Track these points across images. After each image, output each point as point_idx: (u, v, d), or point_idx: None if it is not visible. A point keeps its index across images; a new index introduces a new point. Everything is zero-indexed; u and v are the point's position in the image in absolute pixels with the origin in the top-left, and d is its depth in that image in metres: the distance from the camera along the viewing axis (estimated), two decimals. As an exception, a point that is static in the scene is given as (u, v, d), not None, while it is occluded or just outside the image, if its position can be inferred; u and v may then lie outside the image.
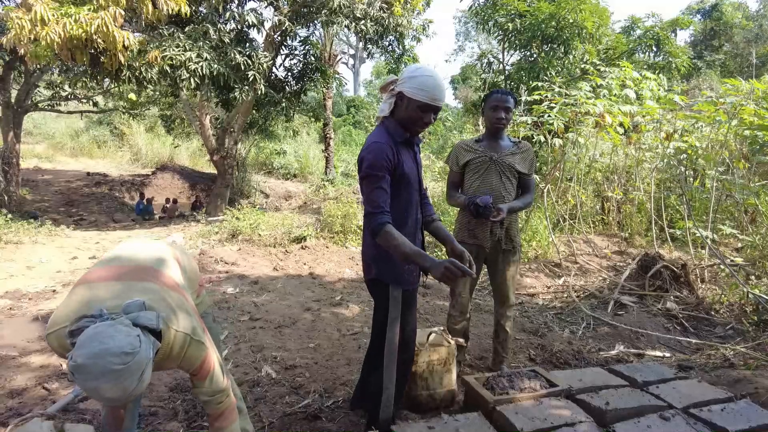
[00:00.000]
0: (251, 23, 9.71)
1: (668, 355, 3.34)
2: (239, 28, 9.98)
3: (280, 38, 11.03)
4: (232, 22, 9.81)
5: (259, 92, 9.78)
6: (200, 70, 8.51)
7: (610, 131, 5.42)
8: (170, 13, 7.73)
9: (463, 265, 1.72)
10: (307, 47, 12.07)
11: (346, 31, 12.52)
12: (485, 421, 2.07)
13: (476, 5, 10.63)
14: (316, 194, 14.09)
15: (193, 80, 8.61)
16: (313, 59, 11.98)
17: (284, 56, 11.90)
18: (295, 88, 11.91)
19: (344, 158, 20.03)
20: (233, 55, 9.03)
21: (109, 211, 12.55)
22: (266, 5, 10.81)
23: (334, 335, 3.53)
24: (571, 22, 9.16)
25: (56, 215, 10.80)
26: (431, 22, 12.32)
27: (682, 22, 11.57)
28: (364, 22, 10.28)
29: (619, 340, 3.57)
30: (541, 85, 6.53)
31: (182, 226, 9.87)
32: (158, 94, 14.11)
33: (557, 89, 5.82)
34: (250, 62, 9.28)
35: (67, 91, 12.03)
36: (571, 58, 9.61)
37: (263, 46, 10.69)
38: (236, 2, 10.51)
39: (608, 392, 2.30)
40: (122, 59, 7.66)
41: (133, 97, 13.08)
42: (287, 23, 9.91)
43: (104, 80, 10.11)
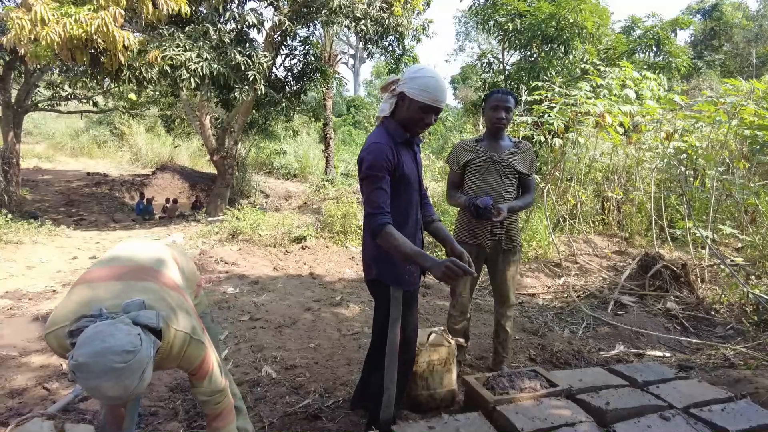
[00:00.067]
0: (251, 23, 9.72)
1: (668, 355, 3.34)
2: (239, 28, 9.98)
3: (280, 38, 11.03)
4: (232, 22, 9.81)
5: (259, 92, 9.78)
6: (200, 70, 8.51)
7: (610, 131, 5.42)
8: (170, 13, 7.74)
9: (463, 264, 1.73)
10: (307, 47, 12.08)
11: (346, 31, 12.54)
12: (485, 421, 2.07)
13: (476, 5, 10.63)
14: (316, 194, 14.08)
15: (193, 80, 8.62)
16: (313, 59, 11.99)
17: (284, 56, 11.91)
18: (295, 88, 11.92)
19: (344, 158, 20.05)
20: (233, 55, 9.04)
21: (109, 211, 12.55)
22: (266, 5, 10.81)
23: (334, 335, 3.53)
24: (571, 22, 9.16)
25: (56, 215, 10.80)
26: (431, 22, 12.34)
27: (682, 22, 11.57)
28: (364, 22, 10.29)
29: (619, 340, 3.57)
30: (541, 85, 6.53)
31: (182, 226, 9.87)
32: (158, 94, 14.11)
33: (557, 89, 5.82)
34: (250, 62, 9.28)
35: (67, 91, 12.03)
36: (571, 58, 9.61)
37: (263, 46, 10.69)
38: (236, 2, 10.52)
39: (608, 392, 2.30)
40: (122, 59, 7.66)
41: (133, 97, 13.08)
42: (287, 23, 9.91)
43: (104, 80, 10.11)
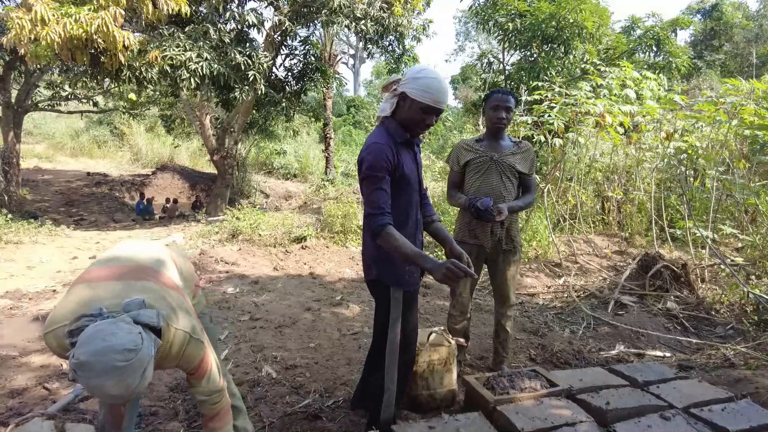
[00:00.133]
0: (251, 23, 9.72)
1: (669, 354, 3.34)
2: (239, 28, 9.98)
3: (280, 38, 11.03)
4: (232, 22, 9.81)
5: (259, 92, 9.78)
6: (200, 70, 8.51)
7: (610, 131, 5.42)
8: (170, 13, 7.74)
9: (463, 265, 1.72)
10: (307, 47, 12.08)
11: (346, 31, 12.53)
12: (486, 420, 2.07)
13: (476, 5, 10.63)
14: (316, 194, 14.09)
15: (193, 80, 8.62)
16: (313, 59, 11.99)
17: (284, 56, 11.91)
18: (295, 88, 11.92)
19: (344, 158, 20.05)
20: (233, 55, 9.03)
21: (109, 211, 12.55)
22: (266, 5, 10.81)
23: (334, 335, 3.53)
24: (571, 22, 9.16)
25: (56, 215, 10.81)
26: (431, 22, 12.35)
27: (682, 22, 11.58)
28: (364, 22, 10.28)
29: (619, 339, 3.57)
30: (541, 85, 6.53)
31: (182, 226, 9.87)
32: (158, 94, 14.12)
33: (557, 89, 5.82)
34: (250, 62, 9.28)
35: (67, 91, 12.03)
36: (571, 58, 9.61)
37: (263, 46, 10.69)
38: (236, 2, 10.52)
39: (609, 392, 2.30)
40: (122, 59, 7.66)
41: (133, 97, 13.09)
42: (287, 23, 9.91)
43: (104, 80, 10.11)
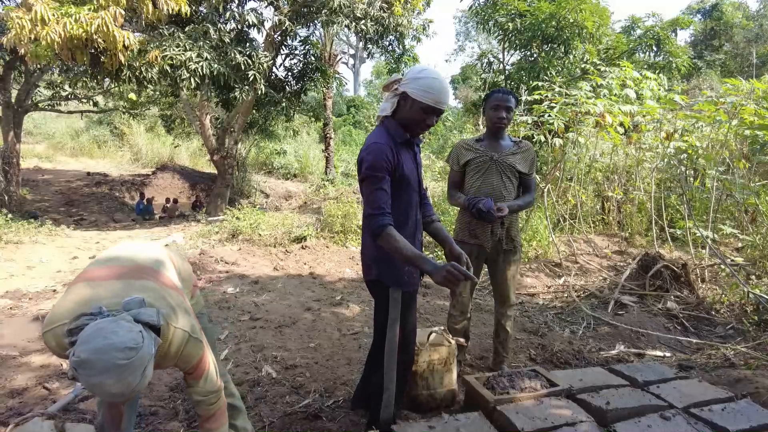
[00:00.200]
0: (251, 23, 9.72)
1: (669, 354, 3.33)
2: (239, 27, 9.98)
3: (280, 38, 11.03)
4: (232, 21, 9.81)
5: (259, 92, 9.78)
6: (200, 69, 8.51)
7: (610, 131, 5.42)
8: (170, 12, 7.73)
9: (464, 268, 1.71)
10: (307, 47, 12.08)
11: (346, 31, 12.55)
12: (486, 420, 2.07)
13: (476, 5, 10.63)
14: (316, 194, 14.10)
15: (193, 80, 8.61)
16: (313, 59, 11.99)
17: (284, 56, 11.92)
18: (295, 87, 11.92)
19: (344, 158, 20.06)
20: (233, 54, 9.03)
21: (109, 211, 12.56)
22: (266, 5, 10.81)
23: (334, 335, 3.53)
24: (571, 21, 9.16)
25: (56, 215, 10.81)
26: (431, 22, 12.34)
27: (682, 21, 11.58)
28: (364, 21, 10.28)
29: (619, 339, 3.57)
30: (541, 84, 6.53)
31: (182, 226, 9.87)
32: (158, 94, 14.12)
33: (557, 89, 5.82)
34: (250, 62, 9.28)
35: (67, 91, 12.04)
36: (571, 57, 9.61)
37: (263, 45, 10.69)
38: (236, 2, 10.52)
39: (609, 392, 2.30)
40: (122, 59, 7.66)
41: (133, 97, 13.10)
42: (287, 23, 9.91)
43: (104, 80, 10.11)
